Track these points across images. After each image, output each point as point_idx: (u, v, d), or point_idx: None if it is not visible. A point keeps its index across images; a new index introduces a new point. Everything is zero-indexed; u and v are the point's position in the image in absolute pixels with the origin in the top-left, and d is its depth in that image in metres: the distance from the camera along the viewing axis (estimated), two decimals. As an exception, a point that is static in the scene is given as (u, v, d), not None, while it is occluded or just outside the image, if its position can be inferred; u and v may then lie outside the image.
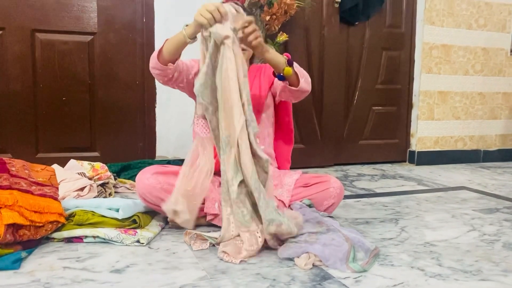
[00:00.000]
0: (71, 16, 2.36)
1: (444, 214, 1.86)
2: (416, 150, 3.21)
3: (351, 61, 3.05)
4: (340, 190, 1.59)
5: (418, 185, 2.50)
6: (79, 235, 1.39)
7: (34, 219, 1.29)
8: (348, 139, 3.10)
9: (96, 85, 2.43)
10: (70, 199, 1.58)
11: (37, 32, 2.32)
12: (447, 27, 3.17)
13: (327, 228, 1.35)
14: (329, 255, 1.24)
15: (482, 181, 2.64)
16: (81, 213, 1.43)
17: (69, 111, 2.40)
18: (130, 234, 1.39)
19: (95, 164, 2.07)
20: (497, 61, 3.38)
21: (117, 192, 2.09)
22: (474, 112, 3.36)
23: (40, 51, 2.33)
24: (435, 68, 3.18)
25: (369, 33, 3.06)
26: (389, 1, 3.09)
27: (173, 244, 1.40)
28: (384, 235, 1.56)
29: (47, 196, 1.39)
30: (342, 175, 2.74)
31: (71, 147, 2.42)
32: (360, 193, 2.25)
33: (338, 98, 2.99)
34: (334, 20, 2.88)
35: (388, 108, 3.20)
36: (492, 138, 3.46)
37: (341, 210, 1.87)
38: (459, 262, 1.31)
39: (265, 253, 1.33)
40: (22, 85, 2.31)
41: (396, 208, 1.95)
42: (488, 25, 3.30)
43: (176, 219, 1.36)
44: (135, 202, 1.54)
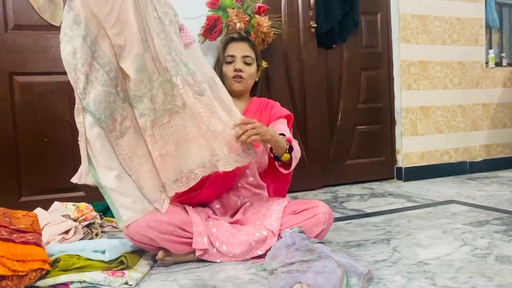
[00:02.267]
0: (49, 57, 2.35)
1: (435, 231, 1.85)
2: (403, 166, 3.23)
3: (331, 83, 3.09)
4: (329, 215, 1.58)
5: (407, 202, 2.50)
6: (65, 281, 1.34)
7: (16, 269, 1.24)
8: (334, 160, 3.11)
9: (78, 124, 2.41)
10: (54, 244, 1.54)
11: (15, 75, 2.30)
12: (422, 44, 3.24)
13: (319, 255, 1.33)
14: (322, 283, 1.22)
15: (470, 193, 2.65)
16: (66, 258, 1.39)
17: (52, 151, 2.37)
18: (117, 276, 1.36)
19: (80, 204, 2.03)
20: (474, 74, 3.45)
21: (103, 231, 2.04)
22: (457, 125, 3.41)
23: (19, 93, 2.31)
24: (414, 84, 3.23)
25: (347, 55, 3.11)
26: (364, 23, 3.16)
27: (162, 284, 1.36)
28: (377, 257, 1.54)
29: (30, 243, 1.34)
30: (332, 197, 2.73)
31: (55, 188, 2.37)
32: (350, 214, 2.23)
33: (322, 120, 3.01)
34: (311, 44, 2.92)
35: (371, 127, 3.22)
36: (476, 149, 3.50)
37: (333, 234, 1.85)
38: (453, 280, 1.30)
39: (257, 286, 1.31)
40: (2, 128, 2.28)
41: (387, 227, 1.94)
42: (462, 39, 3.39)
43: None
44: (121, 241, 1.50)
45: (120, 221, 1.40)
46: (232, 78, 1.73)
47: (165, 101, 1.44)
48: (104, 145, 1.38)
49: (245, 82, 1.75)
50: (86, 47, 1.34)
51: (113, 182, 1.37)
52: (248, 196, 1.72)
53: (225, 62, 1.75)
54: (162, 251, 1.50)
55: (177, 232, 1.47)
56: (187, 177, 1.46)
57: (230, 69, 1.73)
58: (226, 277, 1.39)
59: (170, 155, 1.45)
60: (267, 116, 1.76)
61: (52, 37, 2.35)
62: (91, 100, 1.35)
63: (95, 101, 1.35)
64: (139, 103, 1.43)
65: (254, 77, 1.80)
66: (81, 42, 1.34)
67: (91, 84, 1.35)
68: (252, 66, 1.76)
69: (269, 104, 1.81)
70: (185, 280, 1.38)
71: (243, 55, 1.74)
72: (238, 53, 1.74)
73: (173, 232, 1.46)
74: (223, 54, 1.77)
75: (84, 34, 1.34)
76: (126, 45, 1.39)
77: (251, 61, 1.76)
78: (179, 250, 1.50)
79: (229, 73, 1.73)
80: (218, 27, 2.38)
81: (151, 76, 1.44)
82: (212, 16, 2.39)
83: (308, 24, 2.89)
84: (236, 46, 1.76)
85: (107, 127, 1.38)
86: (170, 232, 1.45)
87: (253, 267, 1.47)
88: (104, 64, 1.38)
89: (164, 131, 1.45)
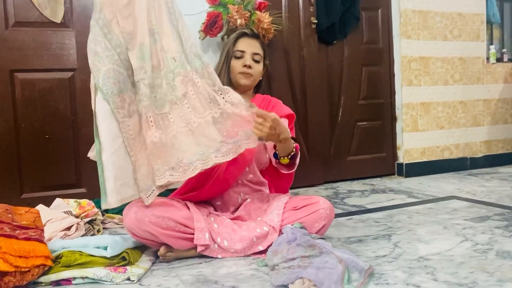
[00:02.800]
0: (50, 54, 2.35)
1: (436, 226, 1.86)
2: (403, 162, 3.23)
3: (332, 79, 3.09)
4: (330, 211, 1.58)
5: (408, 197, 2.50)
6: (67, 277, 1.35)
7: (19, 265, 1.25)
8: (335, 156, 3.11)
9: (79, 121, 2.41)
10: (56, 240, 1.54)
11: (16, 72, 2.30)
12: (423, 40, 3.24)
13: (320, 250, 1.33)
14: (323, 278, 1.22)
15: (471, 189, 2.66)
16: (68, 254, 1.39)
17: (53, 148, 2.37)
18: (120, 272, 1.36)
19: (82, 201, 2.04)
20: (475, 70, 3.45)
21: (105, 228, 2.05)
22: (457, 121, 3.41)
23: (20, 90, 2.31)
24: (415, 80, 3.23)
25: (348, 51, 3.11)
26: (365, 18, 3.15)
27: (164, 279, 1.37)
28: (378, 252, 1.55)
29: (32, 240, 1.35)
30: (333, 193, 2.73)
31: (57, 185, 2.38)
32: (351, 210, 2.24)
33: (323, 117, 3.01)
34: (312, 40, 2.92)
35: (372, 123, 3.22)
36: (477, 145, 3.50)
37: (334, 230, 1.85)
38: (454, 275, 1.30)
39: (259, 282, 1.31)
40: (3, 125, 2.28)
41: (388, 223, 1.95)
42: (463, 35, 3.38)
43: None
44: (123, 238, 1.51)
45: (105, 202, 1.41)
46: (239, 73, 1.72)
47: (167, 91, 1.47)
48: (109, 121, 1.41)
49: (253, 78, 1.74)
50: (98, 28, 1.43)
51: (110, 158, 1.39)
52: (248, 193, 1.73)
53: (235, 56, 1.73)
54: (163, 247, 1.51)
55: (178, 228, 1.47)
56: (185, 169, 1.45)
57: (239, 64, 1.72)
58: (227, 273, 1.40)
59: (166, 145, 1.45)
60: None
61: (52, 34, 2.35)
62: (100, 77, 1.41)
63: (103, 77, 1.41)
64: (137, 89, 1.46)
65: (261, 74, 1.79)
66: (93, 24, 1.44)
67: (102, 61, 1.42)
68: (260, 64, 1.76)
69: (271, 102, 1.80)
70: (187, 276, 1.39)
71: (253, 52, 1.73)
72: (248, 49, 1.73)
73: (175, 228, 1.46)
74: (233, 48, 1.74)
75: (97, 17, 1.43)
76: (134, 35, 1.45)
77: (259, 59, 1.75)
78: (180, 245, 1.51)
79: (237, 68, 1.72)
80: (219, 23, 2.38)
81: (157, 66, 1.47)
82: (212, 12, 2.39)
83: (308, 20, 2.89)
84: (247, 42, 1.75)
85: (114, 103, 1.41)
86: (172, 227, 1.46)
87: (255, 263, 1.48)
88: (116, 45, 1.45)
89: (162, 120, 1.46)
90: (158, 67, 1.48)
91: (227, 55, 1.75)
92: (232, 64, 1.73)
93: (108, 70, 1.41)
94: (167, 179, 1.44)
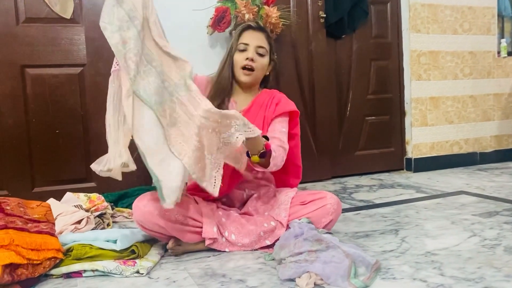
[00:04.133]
0: (60, 49, 2.38)
1: (443, 221, 1.85)
2: (412, 157, 3.21)
3: (340, 73, 3.08)
4: (338, 206, 1.58)
5: (416, 192, 2.50)
6: (78, 270, 1.38)
7: (31, 257, 1.28)
8: (343, 151, 3.11)
9: (89, 116, 2.44)
10: (66, 234, 1.57)
11: (27, 67, 2.33)
12: (433, 34, 3.21)
13: (327, 245, 1.34)
14: (330, 273, 1.23)
15: (480, 184, 2.64)
16: (79, 247, 1.42)
17: (63, 143, 2.40)
18: (129, 265, 1.38)
19: (92, 195, 2.06)
20: (485, 64, 3.41)
21: (115, 222, 2.07)
22: (467, 115, 3.38)
23: (31, 86, 2.34)
24: (424, 74, 3.20)
25: (357, 45, 3.09)
26: (374, 12, 3.13)
27: (173, 273, 1.39)
28: (385, 247, 1.55)
29: (44, 233, 1.38)
30: (340, 188, 2.74)
31: (67, 179, 2.41)
32: (359, 205, 2.24)
33: (331, 111, 3.01)
34: (320, 35, 2.91)
35: (381, 118, 3.21)
36: (487, 139, 3.47)
37: (341, 224, 1.86)
38: (461, 270, 1.30)
39: (266, 276, 1.32)
40: (14, 121, 2.31)
41: (396, 218, 1.95)
42: (473, 29, 3.35)
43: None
44: (132, 231, 1.53)
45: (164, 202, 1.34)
46: (241, 68, 1.67)
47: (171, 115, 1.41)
48: (154, 128, 1.36)
49: (255, 74, 1.69)
50: (140, 41, 1.35)
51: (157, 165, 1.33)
52: (254, 188, 1.73)
53: (238, 49, 1.69)
54: (172, 240, 1.53)
55: (187, 221, 1.49)
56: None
57: (242, 57, 1.67)
58: (235, 266, 1.41)
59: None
60: (272, 112, 1.69)
61: (62, 29, 2.38)
62: (141, 88, 1.35)
63: (144, 90, 1.35)
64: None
65: (265, 69, 1.74)
66: (136, 35, 1.34)
67: (140, 76, 1.36)
68: (264, 58, 1.71)
69: (275, 98, 1.74)
70: (195, 269, 1.40)
71: (257, 45, 1.68)
72: (252, 42, 1.68)
73: (183, 221, 1.48)
74: (237, 42, 1.70)
75: (140, 29, 1.35)
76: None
77: (264, 53, 1.70)
78: (189, 239, 1.52)
79: (240, 61, 1.68)
80: (227, 18, 2.38)
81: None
82: (220, 7, 2.39)
83: (317, 14, 2.88)
84: (251, 35, 1.70)
85: (158, 111, 1.36)
86: (180, 221, 1.47)
87: (262, 257, 1.49)
88: (150, 60, 1.38)
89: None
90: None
91: (231, 48, 1.71)
92: (235, 57, 1.69)
93: (148, 83, 1.36)
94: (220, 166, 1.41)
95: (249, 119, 1.59)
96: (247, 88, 1.74)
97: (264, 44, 1.71)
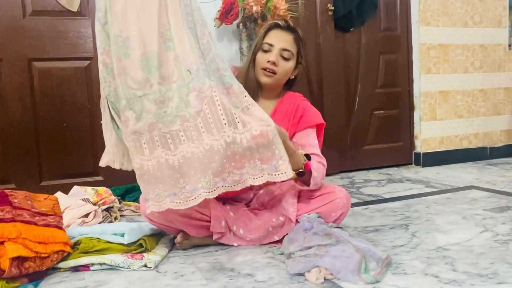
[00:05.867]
0: (67, 42, 2.37)
1: (454, 216, 1.83)
2: (421, 151, 3.18)
3: (349, 67, 3.04)
4: (347, 200, 1.56)
5: (426, 187, 2.47)
6: (86, 263, 1.37)
7: (39, 250, 1.27)
8: (352, 146, 3.08)
9: (96, 109, 2.42)
10: (74, 227, 1.56)
11: (34, 61, 2.32)
12: (443, 27, 3.16)
13: (337, 239, 1.32)
14: (340, 267, 1.21)
15: (490, 179, 2.60)
16: (86, 241, 1.41)
17: (71, 137, 2.40)
18: (137, 259, 1.37)
19: (99, 188, 2.06)
20: (496, 57, 3.36)
21: (122, 215, 2.07)
22: (477, 110, 3.33)
23: (38, 79, 2.33)
24: (434, 68, 3.16)
25: (365, 38, 3.06)
26: (383, 5, 3.09)
27: (181, 267, 1.38)
28: (395, 242, 1.53)
29: (51, 226, 1.37)
30: (349, 182, 2.71)
31: (75, 173, 2.41)
32: (368, 200, 2.22)
33: (339, 105, 2.98)
34: (329, 27, 2.88)
35: (389, 112, 3.18)
36: (497, 134, 3.42)
37: (350, 219, 1.84)
38: (474, 266, 1.28)
39: (275, 270, 1.31)
40: (22, 114, 2.31)
41: (406, 213, 1.92)
42: (484, 21, 3.29)
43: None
44: (140, 225, 1.52)
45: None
46: (262, 69, 1.55)
47: (179, 106, 1.30)
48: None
49: (276, 77, 1.56)
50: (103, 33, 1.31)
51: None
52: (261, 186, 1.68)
53: (262, 49, 1.56)
54: (181, 234, 1.52)
55: (194, 215, 1.47)
56: (187, 196, 1.30)
57: (264, 59, 1.54)
58: (243, 261, 1.40)
59: (172, 167, 1.29)
60: (295, 125, 1.60)
61: (69, 22, 2.37)
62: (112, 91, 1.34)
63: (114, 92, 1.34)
64: (136, 104, 1.29)
65: (289, 74, 1.60)
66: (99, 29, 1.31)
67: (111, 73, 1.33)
68: (289, 62, 1.56)
69: (299, 108, 1.61)
70: (204, 263, 1.39)
71: (282, 47, 1.54)
72: (278, 43, 1.55)
73: (191, 215, 1.47)
74: (262, 40, 1.57)
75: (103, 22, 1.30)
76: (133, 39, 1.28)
77: (289, 56, 1.56)
78: (197, 233, 1.51)
79: (261, 62, 1.55)
80: (234, 10, 2.36)
81: (170, 76, 1.31)
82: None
83: (325, 7, 2.84)
84: (278, 35, 1.56)
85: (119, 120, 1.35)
86: (188, 214, 1.46)
87: (270, 251, 1.47)
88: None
89: (171, 139, 1.30)
90: (169, 78, 1.30)
91: (255, 46, 1.59)
92: (257, 57, 1.57)
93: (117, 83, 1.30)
94: (168, 205, 1.31)
95: None
96: (267, 93, 1.62)
97: (291, 47, 1.57)
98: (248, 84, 1.55)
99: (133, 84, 1.29)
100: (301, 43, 1.60)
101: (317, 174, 1.49)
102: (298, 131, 1.60)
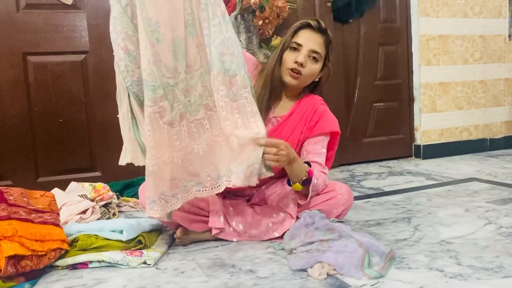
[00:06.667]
0: (62, 36, 2.32)
1: (457, 209, 1.81)
2: (421, 144, 3.16)
3: (348, 59, 3.01)
4: (349, 195, 1.54)
5: (426, 180, 2.45)
6: (84, 261, 1.35)
7: (35, 248, 1.25)
8: (351, 138, 3.05)
9: (92, 104, 2.39)
10: (72, 224, 1.54)
11: (29, 55, 2.28)
12: (442, 18, 3.13)
13: (339, 234, 1.30)
14: (343, 262, 1.19)
15: (491, 171, 2.59)
16: (84, 238, 1.38)
17: (67, 132, 2.36)
18: (136, 256, 1.35)
19: (97, 184, 2.03)
20: (496, 48, 3.33)
21: (120, 211, 2.04)
22: (477, 101, 3.31)
23: (33, 74, 2.29)
24: (433, 59, 3.13)
25: (364, 30, 3.02)
26: (382, -4, 3.05)
27: (181, 263, 1.36)
28: (398, 235, 1.51)
29: (48, 223, 1.34)
30: (349, 175, 2.69)
31: (72, 168, 2.38)
32: (368, 193, 2.20)
33: (338, 97, 2.95)
34: (327, 19, 2.83)
35: (389, 104, 3.15)
36: (497, 125, 3.40)
37: (351, 213, 1.81)
38: (479, 259, 1.26)
39: (277, 266, 1.29)
40: (17, 109, 2.27)
41: (407, 206, 1.90)
42: (484, 12, 3.26)
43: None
44: (139, 221, 1.49)
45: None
46: (288, 69, 1.50)
47: (202, 94, 1.28)
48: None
49: (301, 79, 1.52)
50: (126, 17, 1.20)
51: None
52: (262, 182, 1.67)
53: (290, 47, 1.51)
54: (180, 229, 1.49)
55: (193, 210, 1.45)
56: (212, 185, 1.33)
57: (291, 58, 1.49)
58: (244, 256, 1.38)
59: (197, 156, 1.29)
60: (310, 129, 1.57)
61: (64, 16, 2.32)
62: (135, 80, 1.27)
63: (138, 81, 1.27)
64: (169, 94, 1.24)
65: (314, 76, 1.56)
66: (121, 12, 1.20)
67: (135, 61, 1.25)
68: (316, 64, 1.52)
69: (317, 112, 1.58)
70: (204, 260, 1.37)
71: (311, 49, 1.49)
72: (307, 44, 1.49)
73: (190, 210, 1.45)
74: (291, 38, 1.51)
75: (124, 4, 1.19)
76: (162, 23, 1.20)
77: (318, 58, 1.51)
78: (195, 227, 1.49)
79: (288, 62, 1.50)
80: (232, 2, 2.31)
81: (193, 64, 1.27)
82: (225, -9, 2.32)
83: (324, -2, 2.81)
84: (308, 36, 1.50)
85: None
86: (187, 209, 1.44)
87: (272, 247, 1.45)
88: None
89: (196, 128, 1.29)
90: (192, 66, 1.26)
91: (283, 44, 1.53)
92: (284, 55, 1.51)
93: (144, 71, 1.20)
94: (194, 195, 1.32)
95: (286, 129, 1.54)
96: (288, 92, 1.59)
97: (320, 49, 1.51)
98: (272, 82, 1.52)
99: (166, 72, 1.22)
100: (330, 46, 1.56)
101: (317, 182, 1.46)
102: (311, 136, 1.57)
